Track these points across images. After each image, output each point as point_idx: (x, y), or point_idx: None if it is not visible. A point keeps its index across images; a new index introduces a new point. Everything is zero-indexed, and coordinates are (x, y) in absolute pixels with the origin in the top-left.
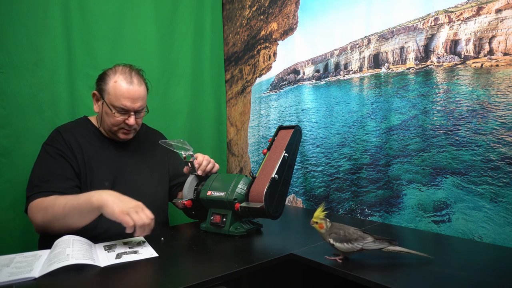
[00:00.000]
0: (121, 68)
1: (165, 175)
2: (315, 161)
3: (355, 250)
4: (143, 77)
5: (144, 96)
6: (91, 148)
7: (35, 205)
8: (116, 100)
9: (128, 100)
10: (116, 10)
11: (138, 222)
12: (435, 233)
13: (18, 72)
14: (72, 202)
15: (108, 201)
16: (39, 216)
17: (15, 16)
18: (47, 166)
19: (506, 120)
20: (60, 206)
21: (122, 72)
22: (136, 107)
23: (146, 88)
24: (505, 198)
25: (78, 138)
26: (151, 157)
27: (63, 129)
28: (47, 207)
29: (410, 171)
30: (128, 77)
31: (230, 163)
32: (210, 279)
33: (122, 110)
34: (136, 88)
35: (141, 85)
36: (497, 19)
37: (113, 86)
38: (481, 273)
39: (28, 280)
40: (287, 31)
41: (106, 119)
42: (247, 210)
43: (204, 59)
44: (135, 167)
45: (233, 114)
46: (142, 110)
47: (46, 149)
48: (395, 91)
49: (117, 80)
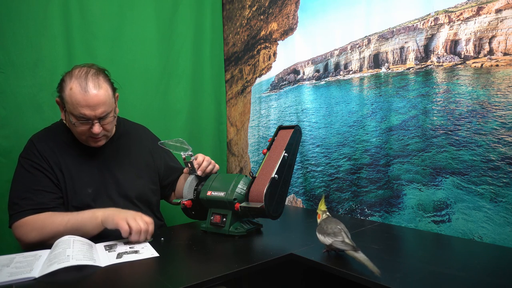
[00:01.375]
0: (77, 71)
1: (153, 173)
2: (315, 161)
3: (325, 243)
4: (105, 77)
5: (105, 100)
6: (67, 155)
7: (24, 224)
8: (74, 109)
9: (86, 108)
10: (116, 10)
11: (134, 227)
12: (435, 233)
13: (18, 72)
14: (75, 220)
15: (109, 214)
16: (32, 235)
17: (15, 16)
18: (24, 182)
19: (506, 120)
20: (61, 224)
21: (77, 77)
22: (98, 114)
23: (109, 89)
24: (505, 198)
25: (53, 146)
26: (135, 155)
27: (37, 139)
28: (44, 226)
29: (410, 171)
30: (84, 82)
31: (230, 163)
32: (210, 279)
33: (83, 119)
34: (93, 94)
35: (99, 89)
36: (497, 19)
37: (69, 94)
38: (481, 273)
39: (28, 280)
40: (287, 31)
41: (72, 129)
42: (247, 210)
43: (204, 59)
44: (118, 169)
45: (233, 114)
46: (107, 116)
47: (22, 162)
48: (395, 91)
49: (72, 87)
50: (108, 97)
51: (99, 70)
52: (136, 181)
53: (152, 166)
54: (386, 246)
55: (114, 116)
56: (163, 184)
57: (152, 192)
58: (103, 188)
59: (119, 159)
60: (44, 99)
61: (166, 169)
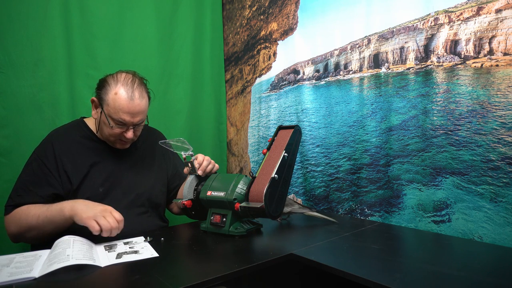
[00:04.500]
0: (123, 77)
1: (164, 177)
2: (315, 161)
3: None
4: (146, 87)
5: (145, 110)
6: (84, 155)
7: (10, 217)
8: (115, 113)
9: (128, 115)
10: (116, 10)
11: (104, 226)
12: (435, 233)
13: (18, 72)
14: (45, 213)
15: (77, 209)
16: (11, 228)
17: (15, 16)
18: (24, 180)
19: (506, 120)
20: (34, 217)
21: (124, 83)
22: (136, 121)
23: (148, 99)
24: (505, 198)
25: (70, 145)
26: (150, 158)
27: (56, 136)
28: (20, 219)
29: (410, 171)
30: (130, 89)
31: (230, 163)
32: (210, 279)
33: (120, 124)
34: (138, 103)
35: (142, 99)
36: (497, 19)
37: (113, 98)
38: (481, 273)
39: (28, 280)
40: (287, 31)
41: (103, 128)
42: (247, 210)
43: (204, 59)
44: (132, 170)
45: (233, 114)
46: (141, 123)
47: (32, 159)
48: (395, 91)
49: (117, 92)
50: (146, 107)
51: (142, 79)
52: (149, 184)
53: (164, 169)
54: (386, 246)
55: (146, 123)
56: (169, 188)
57: (162, 194)
58: (114, 189)
59: (133, 162)
60: (44, 99)
61: (174, 173)
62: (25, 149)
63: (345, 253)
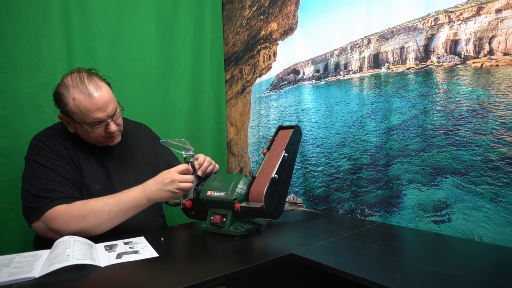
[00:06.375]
0: (70, 80)
1: (156, 171)
2: (315, 161)
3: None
4: (97, 76)
5: (110, 97)
6: (77, 150)
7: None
8: (86, 118)
9: (98, 111)
10: (116, 10)
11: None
12: (435, 233)
13: (18, 72)
14: (117, 206)
15: (155, 194)
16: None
17: (15, 16)
18: (43, 175)
19: (506, 120)
20: (104, 212)
21: (74, 86)
22: (109, 112)
23: (107, 85)
24: (505, 198)
25: (61, 142)
26: (138, 153)
27: (43, 137)
28: (85, 215)
29: (410, 171)
30: (83, 88)
31: (230, 163)
32: (210, 279)
33: (97, 123)
34: (98, 95)
35: (101, 89)
36: (497, 19)
37: (75, 105)
38: (481, 273)
39: (28, 280)
40: (287, 31)
41: (87, 136)
42: (247, 210)
43: (204, 59)
44: (122, 168)
45: (233, 114)
46: (116, 111)
47: (35, 159)
48: (395, 91)
49: (74, 97)
50: (111, 94)
51: (89, 71)
52: (141, 179)
53: (155, 164)
54: (386, 246)
55: (121, 109)
56: None
57: None
58: (110, 186)
59: (123, 158)
60: (44, 99)
61: (166, 165)
62: (25, 149)
63: (345, 253)
